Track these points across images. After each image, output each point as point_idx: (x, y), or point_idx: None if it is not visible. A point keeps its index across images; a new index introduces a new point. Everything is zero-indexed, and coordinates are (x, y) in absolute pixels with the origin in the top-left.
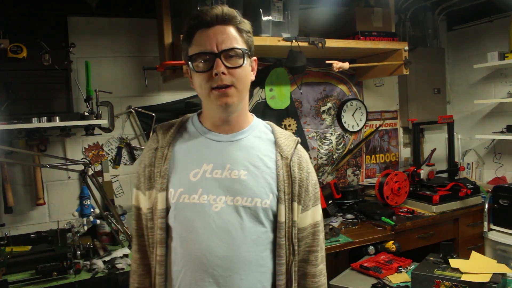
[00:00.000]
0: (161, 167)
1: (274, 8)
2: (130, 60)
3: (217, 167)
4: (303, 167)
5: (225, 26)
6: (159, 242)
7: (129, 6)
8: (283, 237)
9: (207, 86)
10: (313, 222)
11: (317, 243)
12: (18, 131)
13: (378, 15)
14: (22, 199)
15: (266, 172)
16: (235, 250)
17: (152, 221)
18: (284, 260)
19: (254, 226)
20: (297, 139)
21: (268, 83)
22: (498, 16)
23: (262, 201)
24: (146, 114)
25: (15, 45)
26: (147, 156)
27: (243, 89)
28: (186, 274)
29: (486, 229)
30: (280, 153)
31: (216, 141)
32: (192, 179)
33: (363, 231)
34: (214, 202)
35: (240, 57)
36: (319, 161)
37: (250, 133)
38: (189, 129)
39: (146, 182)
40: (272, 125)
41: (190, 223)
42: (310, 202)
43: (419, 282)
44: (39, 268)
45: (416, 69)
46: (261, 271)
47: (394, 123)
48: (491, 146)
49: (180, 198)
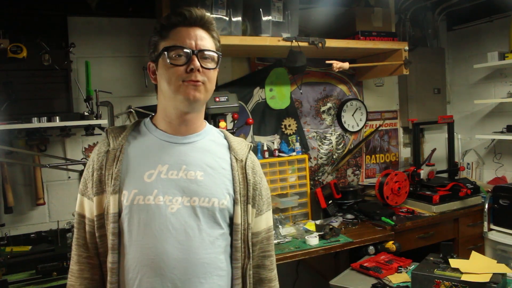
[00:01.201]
0: (113, 169)
1: (274, 8)
2: (130, 60)
3: (172, 168)
4: (257, 171)
5: (204, 30)
6: (111, 249)
7: (129, 6)
8: (239, 240)
9: (178, 79)
10: (267, 227)
11: (271, 247)
12: (18, 131)
13: (378, 15)
14: (22, 199)
15: (222, 173)
16: (193, 252)
17: (102, 228)
18: (240, 264)
19: (211, 228)
20: (250, 144)
21: (268, 83)
22: (498, 16)
23: (219, 201)
24: (146, 114)
25: (15, 45)
26: (96, 159)
27: (210, 90)
28: (142, 280)
29: (486, 229)
30: (235, 156)
31: (171, 142)
32: (147, 180)
33: (363, 231)
34: (170, 203)
35: (214, 61)
36: (319, 161)
37: (204, 137)
38: (142, 132)
39: (95, 186)
40: (224, 132)
41: (145, 226)
42: (264, 207)
43: (419, 282)
44: (39, 268)
45: (416, 69)
46: (219, 275)
47: (394, 123)
48: (491, 146)
49: (135, 199)
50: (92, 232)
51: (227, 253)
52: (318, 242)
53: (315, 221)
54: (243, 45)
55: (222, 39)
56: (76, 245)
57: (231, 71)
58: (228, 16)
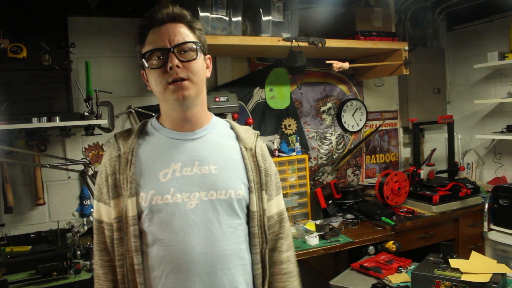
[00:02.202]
0: (127, 173)
1: (274, 8)
2: (130, 60)
3: (186, 165)
4: (266, 157)
5: (176, 23)
6: (134, 251)
7: (129, 6)
8: (256, 226)
9: (163, 82)
10: (278, 211)
11: (283, 230)
12: (18, 131)
13: (378, 15)
14: (22, 199)
15: (234, 164)
16: (216, 246)
17: (119, 231)
18: (259, 249)
19: (231, 219)
20: (256, 132)
21: (268, 83)
22: (498, 16)
23: (236, 192)
24: (146, 114)
25: (15, 45)
26: (108, 165)
27: (198, 82)
28: (167, 278)
29: (486, 229)
30: (244, 145)
31: (180, 139)
32: (162, 179)
33: (363, 231)
34: (188, 199)
35: (193, 50)
36: (319, 161)
37: (211, 130)
38: (150, 132)
39: (111, 191)
40: (230, 122)
41: (166, 224)
42: (273, 191)
43: (419, 282)
44: (39, 268)
45: (416, 69)
46: (242, 264)
47: (394, 123)
48: (491, 146)
49: (153, 200)
50: (111, 236)
51: (247, 241)
52: (318, 242)
53: (315, 221)
54: (243, 45)
55: (222, 39)
56: (98, 250)
57: (231, 71)
58: (228, 16)
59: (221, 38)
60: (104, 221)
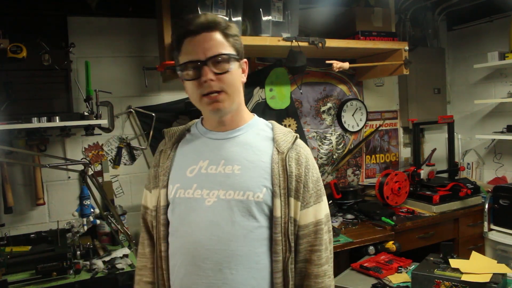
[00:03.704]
0: (164, 166)
1: (274, 8)
2: (130, 60)
3: (212, 163)
4: (302, 163)
5: (211, 32)
6: (162, 238)
7: (129, 6)
8: (279, 233)
9: (198, 93)
10: (315, 220)
11: (319, 242)
12: (18, 131)
13: (378, 15)
14: (22, 199)
15: (260, 166)
16: (225, 244)
17: (155, 219)
18: (281, 257)
19: (246, 221)
20: (296, 135)
21: (268, 83)
22: (498, 16)
23: (254, 194)
24: (146, 114)
25: (15, 45)
26: (155, 157)
27: (233, 93)
28: (180, 267)
29: (486, 229)
30: (277, 148)
31: (213, 139)
32: (189, 175)
33: (363, 231)
34: (207, 196)
35: (227, 62)
36: (319, 161)
37: (247, 130)
38: (193, 132)
39: (152, 181)
40: (273, 123)
41: (184, 217)
42: (312, 199)
43: (419, 282)
44: (39, 268)
45: (416, 69)
46: (256, 268)
47: (394, 123)
48: (491, 146)
49: (177, 193)
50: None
51: (266, 246)
52: None
53: None
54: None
55: None
56: (145, 231)
57: None
58: (228, 16)
59: None
60: (148, 207)
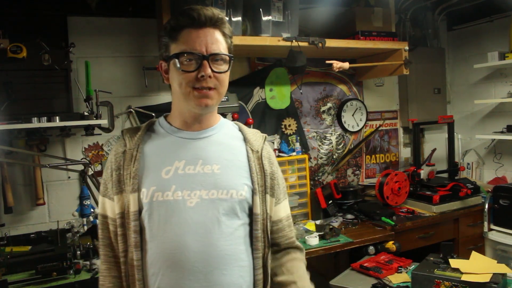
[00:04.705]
0: (131, 169)
1: (274, 8)
2: (130, 60)
3: (189, 163)
4: (273, 162)
5: (215, 29)
6: (134, 246)
7: (129, 6)
8: (259, 230)
9: (189, 85)
10: (286, 215)
11: (293, 234)
12: (18, 131)
13: (378, 15)
14: (22, 199)
15: (239, 165)
16: (213, 245)
17: (122, 227)
18: (261, 253)
19: (231, 219)
20: (264, 135)
21: (268, 83)
22: (498, 16)
23: (237, 192)
24: (146, 114)
25: (15, 45)
26: (114, 160)
27: (222, 93)
28: (164, 275)
29: (486, 229)
30: (251, 147)
31: (186, 138)
32: (165, 176)
33: (363, 231)
34: (188, 197)
35: (226, 62)
36: (319, 161)
37: (219, 130)
38: (158, 131)
39: (115, 186)
40: (238, 124)
41: (165, 221)
42: (281, 195)
43: (419, 282)
44: (39, 268)
45: (416, 69)
46: (241, 266)
47: (394, 123)
48: (491, 146)
49: (154, 196)
50: (115, 231)
51: (247, 243)
52: (318, 242)
53: (315, 221)
54: (243, 45)
55: None
56: (102, 245)
57: (231, 71)
58: (228, 16)
59: None
60: (108, 216)
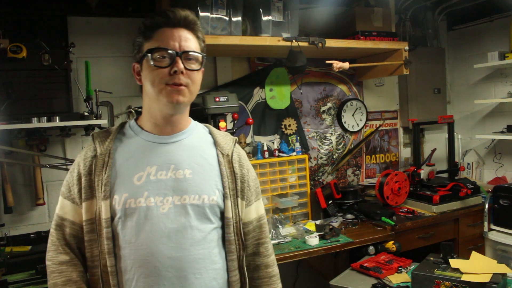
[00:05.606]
0: (103, 175)
1: (274, 8)
2: (130, 60)
3: (161, 168)
4: (243, 164)
5: (188, 31)
6: (107, 253)
7: (129, 6)
8: (232, 233)
9: (162, 82)
10: (257, 216)
11: (265, 235)
12: (18, 131)
13: (378, 15)
14: (22, 199)
15: (210, 169)
16: (186, 250)
17: (91, 233)
18: (236, 256)
19: (202, 224)
20: (234, 138)
21: (268, 83)
22: (498, 16)
23: (209, 197)
24: None
25: (15, 45)
26: (82, 164)
27: (194, 92)
28: (138, 281)
29: (486, 229)
30: (221, 151)
31: (157, 143)
32: (137, 182)
33: (363, 231)
34: (161, 203)
35: (199, 62)
36: (319, 161)
37: (190, 134)
38: (128, 134)
39: (84, 192)
40: (209, 127)
41: (138, 227)
42: (253, 197)
43: (419, 282)
44: (39, 268)
45: (416, 69)
46: (214, 268)
47: (394, 123)
48: (491, 146)
49: (126, 203)
50: (76, 235)
51: (220, 246)
52: (318, 242)
53: (315, 221)
54: (243, 45)
55: (222, 39)
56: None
57: (231, 71)
58: (228, 16)
59: (221, 38)
60: (67, 219)
